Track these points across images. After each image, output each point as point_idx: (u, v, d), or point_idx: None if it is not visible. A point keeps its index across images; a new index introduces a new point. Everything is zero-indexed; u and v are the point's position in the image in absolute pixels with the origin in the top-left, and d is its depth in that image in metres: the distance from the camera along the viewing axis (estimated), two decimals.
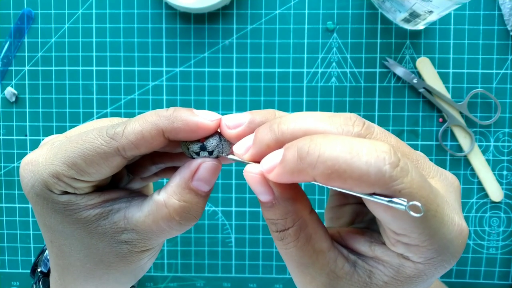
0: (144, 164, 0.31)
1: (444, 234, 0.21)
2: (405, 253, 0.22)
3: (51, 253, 0.28)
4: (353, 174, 0.19)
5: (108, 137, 0.24)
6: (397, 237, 0.22)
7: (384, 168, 0.19)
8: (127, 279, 0.28)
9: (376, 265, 0.23)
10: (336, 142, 0.20)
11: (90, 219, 0.25)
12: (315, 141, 0.20)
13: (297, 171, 0.20)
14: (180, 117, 0.24)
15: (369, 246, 0.24)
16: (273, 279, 0.53)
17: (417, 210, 0.19)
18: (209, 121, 0.25)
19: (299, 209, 0.23)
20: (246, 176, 0.23)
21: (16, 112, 0.53)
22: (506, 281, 0.52)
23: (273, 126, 0.23)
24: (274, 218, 0.23)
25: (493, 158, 0.51)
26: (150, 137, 0.24)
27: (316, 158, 0.20)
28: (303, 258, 0.23)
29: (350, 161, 0.19)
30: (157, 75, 0.51)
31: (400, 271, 0.23)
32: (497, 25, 0.50)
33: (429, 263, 0.22)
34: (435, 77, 0.50)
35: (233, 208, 0.52)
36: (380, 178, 0.19)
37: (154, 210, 0.25)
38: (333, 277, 0.23)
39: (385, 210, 0.20)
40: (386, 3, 0.47)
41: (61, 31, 0.52)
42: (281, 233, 0.23)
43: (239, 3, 0.51)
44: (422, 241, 0.21)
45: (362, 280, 0.23)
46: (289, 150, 0.21)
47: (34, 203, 0.26)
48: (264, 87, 0.51)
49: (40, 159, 0.25)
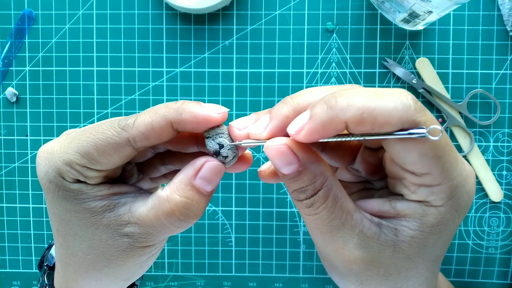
0: (154, 164, 0.32)
1: (460, 171, 0.23)
2: (428, 197, 0.23)
3: (56, 242, 0.28)
4: (383, 110, 0.21)
5: (120, 128, 0.25)
6: (420, 179, 0.23)
7: (408, 102, 0.21)
8: (125, 275, 0.28)
9: (400, 222, 0.24)
10: (359, 90, 0.22)
11: (97, 210, 0.26)
12: (340, 93, 0.22)
13: (329, 120, 0.21)
14: (189, 109, 0.25)
15: (389, 205, 0.25)
16: (273, 278, 0.53)
17: (436, 134, 0.21)
18: (216, 113, 0.26)
19: (325, 170, 0.24)
20: (269, 149, 0.24)
21: (17, 112, 0.53)
22: (505, 281, 0.52)
23: (287, 100, 0.25)
24: (304, 186, 0.24)
25: (493, 158, 0.51)
26: (160, 128, 0.25)
27: (346, 103, 0.21)
28: (334, 220, 0.24)
29: (378, 101, 0.21)
30: (157, 75, 0.52)
31: (424, 221, 0.24)
32: (496, 26, 0.50)
33: (450, 205, 0.23)
34: (435, 78, 0.50)
35: (233, 208, 0.53)
36: (407, 111, 0.21)
37: (156, 205, 0.26)
38: (363, 238, 0.24)
39: (411, 149, 0.22)
40: (386, 4, 0.47)
41: (61, 31, 0.52)
42: (310, 199, 0.24)
43: (239, 4, 0.51)
44: (444, 177, 0.22)
45: (389, 239, 0.24)
46: (316, 106, 0.22)
47: (46, 190, 0.27)
48: (264, 87, 0.51)
49: (56, 147, 0.26)
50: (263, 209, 0.52)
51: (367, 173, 0.29)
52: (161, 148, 0.30)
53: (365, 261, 0.24)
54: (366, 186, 0.30)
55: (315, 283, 0.53)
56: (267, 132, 0.25)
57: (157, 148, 0.30)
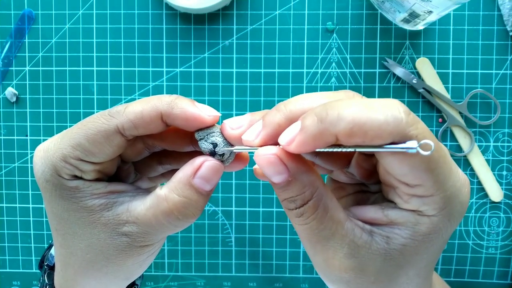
0: (151, 163, 0.32)
1: (454, 182, 0.23)
2: (420, 207, 0.23)
3: (56, 242, 0.28)
4: (374, 124, 0.20)
5: (110, 115, 0.25)
6: (412, 190, 0.23)
7: (400, 115, 0.21)
8: (124, 275, 0.28)
9: (392, 230, 0.24)
10: (350, 102, 0.21)
11: (94, 209, 0.26)
12: (331, 105, 0.22)
13: (319, 133, 0.21)
14: (181, 104, 0.25)
15: (382, 213, 0.25)
16: (273, 278, 0.53)
17: (427, 149, 0.21)
18: (207, 115, 0.26)
19: (315, 180, 0.24)
20: (259, 159, 0.24)
21: (17, 112, 0.53)
22: (505, 281, 0.52)
23: (280, 107, 0.24)
24: (293, 195, 0.24)
25: (493, 158, 0.51)
26: (149, 118, 0.25)
27: (336, 116, 0.21)
28: (323, 231, 0.24)
29: (369, 113, 0.21)
30: (157, 75, 0.52)
31: (416, 230, 0.23)
32: (496, 26, 0.50)
33: (442, 215, 0.23)
34: (435, 78, 0.50)
35: (233, 208, 0.53)
36: (399, 124, 0.21)
37: (155, 204, 0.26)
38: (354, 247, 0.24)
39: (402, 161, 0.21)
40: (386, 4, 0.47)
41: (61, 31, 0.52)
42: (300, 209, 0.24)
43: (239, 4, 0.51)
44: (436, 189, 0.22)
45: (381, 247, 0.24)
46: (307, 117, 0.22)
47: (44, 190, 0.27)
48: (264, 87, 0.51)
49: (51, 145, 0.26)
50: (263, 209, 0.52)
51: (361, 177, 0.29)
52: (157, 148, 0.30)
53: (356, 270, 0.24)
54: (362, 188, 0.30)
55: (315, 283, 0.53)
56: (259, 140, 0.25)
57: (153, 147, 0.30)
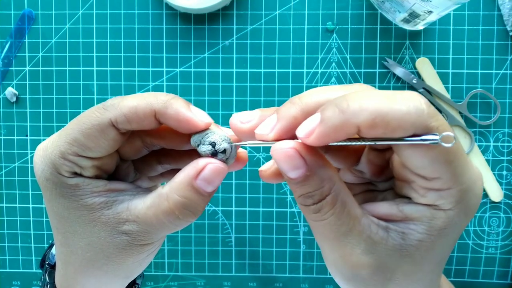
0: (150, 163, 0.31)
1: (470, 175, 0.23)
2: (436, 201, 0.23)
3: (56, 240, 0.28)
4: (396, 115, 0.20)
5: (104, 108, 0.25)
6: (429, 183, 0.22)
7: (421, 106, 0.21)
8: (124, 273, 0.28)
9: (407, 225, 0.24)
10: (371, 93, 0.21)
11: (94, 207, 0.26)
12: (351, 96, 0.21)
13: (340, 124, 0.21)
14: (175, 105, 0.25)
15: (397, 208, 0.24)
16: (273, 278, 0.53)
17: (449, 141, 0.21)
18: (200, 120, 0.26)
19: (333, 174, 0.24)
20: (276, 153, 0.23)
21: (17, 112, 0.53)
22: (505, 281, 0.52)
23: (295, 100, 0.24)
24: (311, 191, 0.23)
25: (493, 158, 0.51)
26: (143, 114, 0.25)
27: (358, 107, 0.21)
28: (341, 226, 0.24)
29: (391, 104, 0.20)
30: (157, 75, 0.52)
31: (432, 225, 0.23)
32: (496, 26, 0.50)
33: (458, 208, 0.23)
34: (435, 78, 0.50)
35: (233, 208, 0.53)
36: (420, 115, 0.20)
37: (156, 203, 0.26)
38: (371, 243, 0.24)
39: (423, 154, 0.21)
40: (386, 4, 0.47)
41: (61, 31, 0.52)
42: (318, 205, 0.24)
43: (239, 4, 0.51)
44: (454, 182, 0.22)
45: (397, 243, 0.24)
46: (327, 109, 0.22)
47: (44, 189, 0.27)
48: (264, 87, 0.51)
49: (49, 144, 0.26)
50: (263, 209, 0.52)
51: (372, 175, 0.28)
52: (155, 146, 0.30)
53: (373, 266, 0.24)
54: (369, 187, 0.30)
55: (315, 283, 0.53)
56: (274, 133, 0.24)
57: (151, 145, 0.30)
